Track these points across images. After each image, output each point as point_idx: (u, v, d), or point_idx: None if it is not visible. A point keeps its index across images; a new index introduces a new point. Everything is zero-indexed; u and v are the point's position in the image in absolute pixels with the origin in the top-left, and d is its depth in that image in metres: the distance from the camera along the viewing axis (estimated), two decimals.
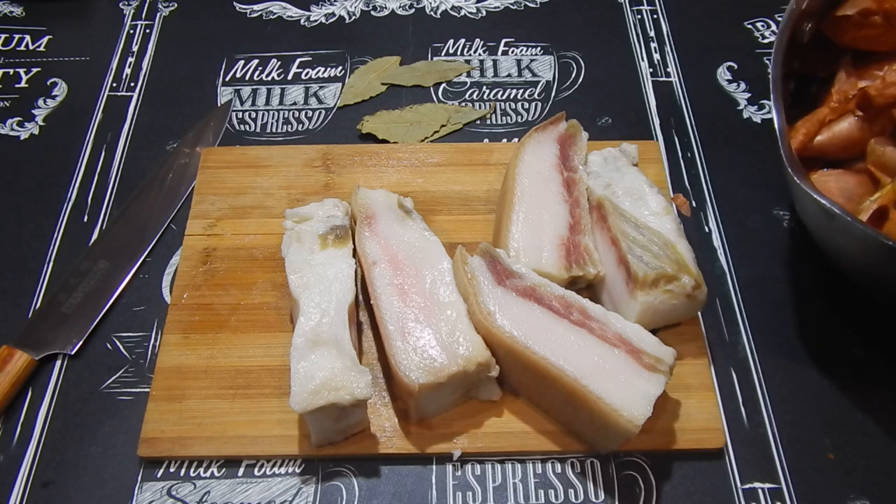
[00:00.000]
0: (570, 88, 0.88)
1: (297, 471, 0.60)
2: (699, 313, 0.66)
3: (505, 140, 0.82)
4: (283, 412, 0.61)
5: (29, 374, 0.65)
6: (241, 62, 0.91)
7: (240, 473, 0.60)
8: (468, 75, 0.89)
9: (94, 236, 0.74)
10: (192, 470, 0.60)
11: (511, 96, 0.87)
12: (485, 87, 0.88)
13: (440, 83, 0.88)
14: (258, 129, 0.84)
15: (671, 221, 0.65)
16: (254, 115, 0.85)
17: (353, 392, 0.54)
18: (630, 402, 0.54)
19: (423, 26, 0.95)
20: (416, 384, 0.55)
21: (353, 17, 0.96)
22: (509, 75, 0.89)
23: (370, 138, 0.83)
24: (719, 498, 0.59)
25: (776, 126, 0.62)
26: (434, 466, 0.60)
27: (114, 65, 0.90)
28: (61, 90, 0.88)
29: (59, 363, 0.66)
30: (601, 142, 0.76)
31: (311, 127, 0.84)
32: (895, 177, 0.62)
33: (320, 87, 0.88)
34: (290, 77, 0.89)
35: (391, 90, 0.88)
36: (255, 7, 0.97)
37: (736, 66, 0.89)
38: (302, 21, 0.96)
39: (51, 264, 0.73)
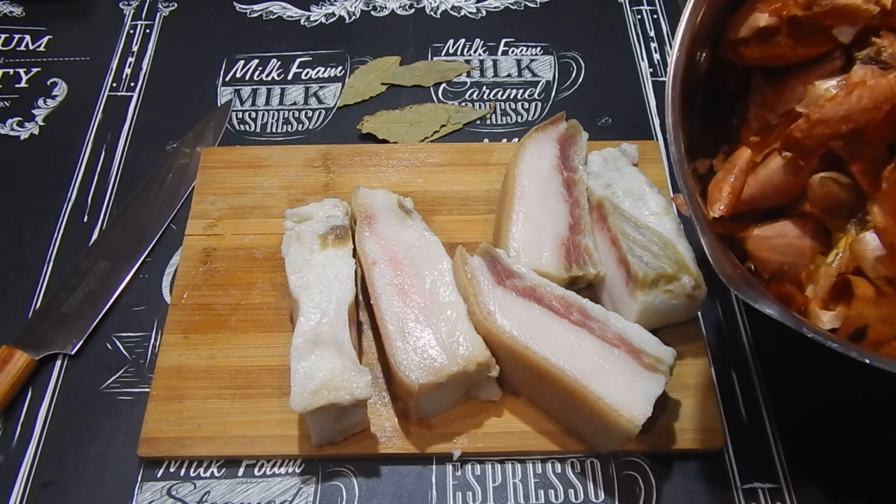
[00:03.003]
0: (570, 88, 0.88)
1: (297, 471, 0.60)
2: (699, 313, 0.66)
3: (505, 140, 0.82)
4: (283, 412, 0.61)
5: (29, 374, 0.65)
6: (241, 62, 0.91)
7: (240, 473, 0.60)
8: (468, 75, 0.89)
9: (94, 236, 0.74)
10: (192, 470, 0.60)
11: (511, 96, 0.87)
12: (485, 87, 0.88)
13: (440, 83, 0.88)
14: (258, 129, 0.84)
15: (671, 221, 0.65)
16: (254, 115, 0.85)
17: (353, 392, 0.54)
18: (630, 402, 0.54)
19: (423, 26, 0.95)
20: (416, 384, 0.55)
21: (353, 17, 0.96)
22: (509, 75, 0.89)
23: (370, 138, 0.82)
24: (719, 498, 0.59)
25: (692, 216, 0.52)
26: (434, 466, 0.60)
27: (114, 65, 0.90)
28: (61, 90, 0.88)
29: (59, 363, 0.66)
30: (601, 142, 0.76)
31: (311, 127, 0.84)
32: (848, 220, 0.53)
33: (320, 87, 0.88)
34: (290, 77, 0.89)
35: (391, 90, 0.88)
36: (255, 7, 0.97)
37: None
38: (302, 21, 0.96)
39: (51, 264, 0.73)
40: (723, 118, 0.62)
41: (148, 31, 0.94)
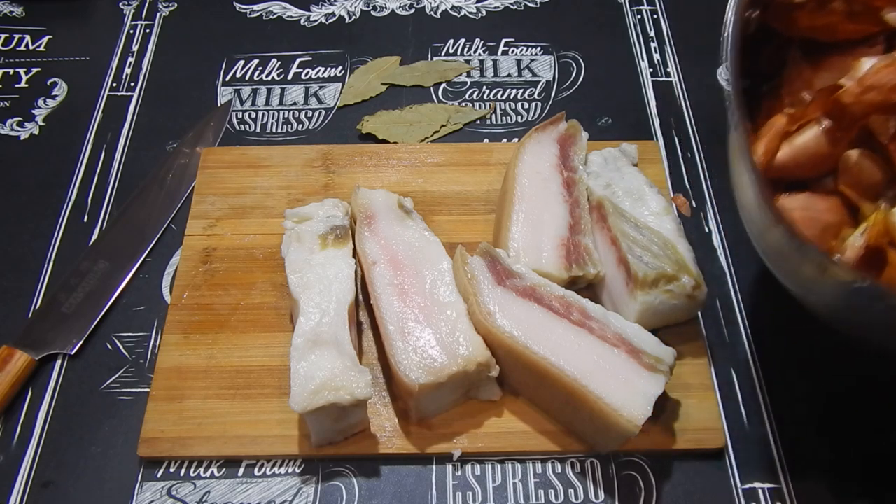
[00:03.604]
0: (570, 88, 0.88)
1: (297, 471, 0.60)
2: (699, 313, 0.66)
3: (505, 140, 0.82)
4: (283, 412, 0.61)
5: (29, 374, 0.65)
6: (241, 62, 0.91)
7: (240, 473, 0.60)
8: (468, 75, 0.89)
9: (94, 236, 0.74)
10: (192, 470, 0.60)
11: (511, 96, 0.87)
12: (485, 87, 0.88)
13: (440, 83, 0.88)
14: (258, 129, 0.84)
15: (671, 221, 0.65)
16: (254, 115, 0.85)
17: (353, 392, 0.54)
18: (630, 402, 0.54)
19: (423, 26, 0.95)
20: (416, 384, 0.55)
21: (353, 17, 0.96)
22: (509, 75, 0.89)
23: (370, 138, 0.82)
24: (719, 498, 0.59)
25: (735, 140, 0.49)
26: (434, 466, 0.60)
27: (114, 65, 0.90)
28: (61, 90, 0.88)
29: (59, 363, 0.66)
30: (601, 142, 0.76)
31: (311, 127, 0.84)
32: (878, 200, 0.51)
33: (320, 87, 0.88)
34: (290, 77, 0.89)
35: (391, 90, 0.88)
36: (255, 7, 0.97)
37: None
38: (302, 21, 0.96)
39: (51, 264, 0.73)
40: (753, 97, 0.59)
41: (148, 31, 0.94)
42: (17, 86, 0.88)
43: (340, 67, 0.90)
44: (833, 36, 0.56)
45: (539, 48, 0.92)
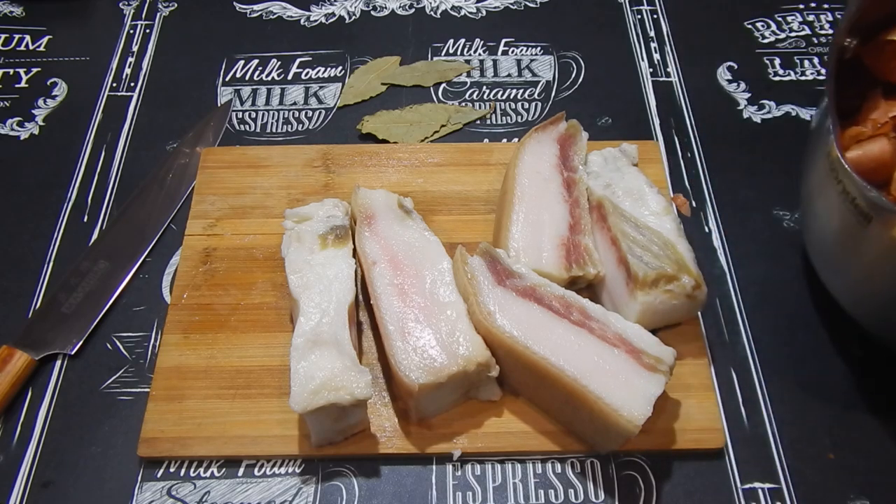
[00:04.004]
0: (570, 88, 0.88)
1: (297, 471, 0.60)
2: (699, 313, 0.66)
3: (505, 140, 0.82)
4: (283, 412, 0.61)
5: (29, 374, 0.65)
6: (241, 62, 0.91)
7: (240, 473, 0.60)
8: (468, 75, 0.89)
9: (94, 236, 0.74)
10: (192, 470, 0.60)
11: (511, 96, 0.87)
12: (485, 87, 0.88)
13: (440, 83, 0.88)
14: (258, 129, 0.84)
15: (671, 221, 0.65)
16: (254, 115, 0.85)
17: (353, 392, 0.54)
18: (630, 402, 0.54)
19: (423, 26, 0.95)
20: (416, 384, 0.55)
21: (353, 17, 0.96)
22: (509, 75, 0.89)
23: (370, 138, 0.83)
24: (719, 498, 0.59)
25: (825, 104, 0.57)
26: (434, 466, 0.60)
27: (114, 65, 0.90)
28: (61, 90, 0.88)
29: (59, 363, 0.66)
30: (601, 142, 0.76)
31: (311, 127, 0.84)
32: None
33: (320, 87, 0.88)
34: (290, 77, 0.89)
35: (391, 90, 0.88)
36: (255, 7, 0.97)
37: (736, 66, 0.89)
38: (302, 21, 0.96)
39: (51, 264, 0.73)
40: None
41: (148, 31, 0.94)
42: (17, 86, 0.88)
43: (340, 67, 0.90)
44: None
45: (539, 48, 0.92)
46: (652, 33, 0.93)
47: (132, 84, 0.88)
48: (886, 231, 0.52)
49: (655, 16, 0.95)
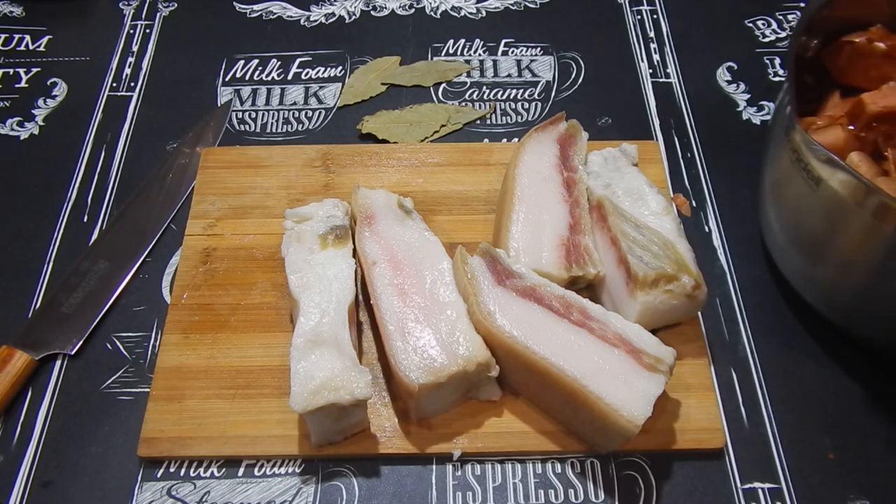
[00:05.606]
0: (570, 88, 0.88)
1: (297, 471, 0.60)
2: (699, 313, 0.66)
3: (505, 140, 0.82)
4: (283, 412, 0.61)
5: (29, 374, 0.65)
6: (241, 62, 0.91)
7: (240, 473, 0.60)
8: (468, 75, 0.89)
9: (94, 236, 0.74)
10: (192, 470, 0.60)
11: (511, 96, 0.87)
12: (485, 87, 0.88)
13: (440, 83, 0.88)
14: (258, 129, 0.84)
15: (671, 221, 0.65)
16: (254, 115, 0.85)
17: (353, 392, 0.54)
18: (630, 402, 0.54)
19: (423, 26, 0.95)
20: (416, 384, 0.55)
21: (353, 17, 0.96)
22: (509, 75, 0.89)
23: (370, 138, 0.83)
24: (719, 498, 0.59)
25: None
26: (434, 466, 0.60)
27: (114, 65, 0.90)
28: (61, 90, 0.88)
29: (59, 363, 0.66)
30: (601, 142, 0.76)
31: (311, 127, 0.84)
32: None
33: (320, 87, 0.88)
34: (290, 77, 0.89)
35: (391, 90, 0.88)
36: (255, 7, 0.97)
37: (736, 67, 0.89)
38: (302, 21, 0.96)
39: (51, 264, 0.73)
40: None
41: (148, 30, 0.94)
42: (17, 86, 0.88)
43: (340, 67, 0.90)
44: (862, 83, 0.67)
45: (539, 48, 0.92)
46: (652, 34, 0.93)
47: (132, 84, 0.88)
48: (836, 194, 0.54)
49: (655, 16, 0.95)
